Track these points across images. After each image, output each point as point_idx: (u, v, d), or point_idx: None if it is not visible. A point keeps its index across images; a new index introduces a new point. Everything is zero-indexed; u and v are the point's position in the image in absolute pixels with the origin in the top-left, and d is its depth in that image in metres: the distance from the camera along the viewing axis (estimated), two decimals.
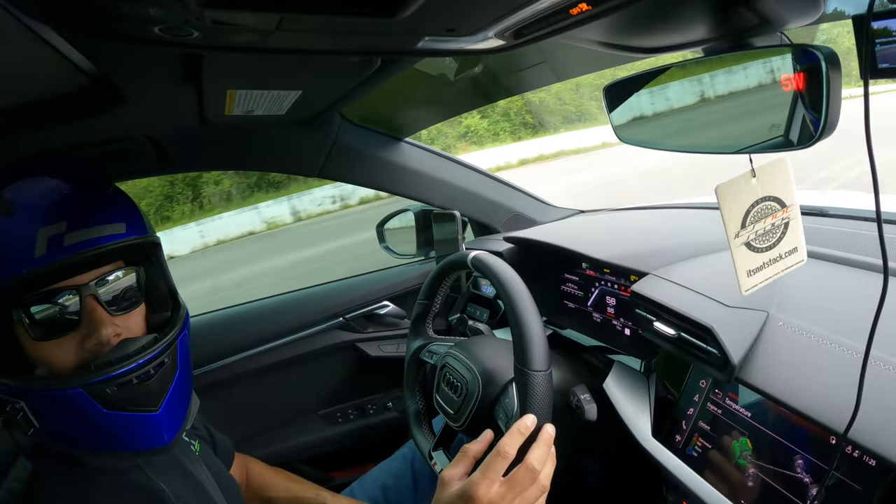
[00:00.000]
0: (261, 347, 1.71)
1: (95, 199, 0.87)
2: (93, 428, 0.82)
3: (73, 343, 0.82)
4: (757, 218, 0.77)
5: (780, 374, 0.90)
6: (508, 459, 0.88)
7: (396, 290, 1.92)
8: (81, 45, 0.70)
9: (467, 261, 1.13)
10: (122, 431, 0.83)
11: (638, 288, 1.18)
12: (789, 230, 0.80)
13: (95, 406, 0.80)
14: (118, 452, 0.86)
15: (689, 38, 0.79)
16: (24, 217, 0.79)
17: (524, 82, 1.52)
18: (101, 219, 0.84)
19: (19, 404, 0.78)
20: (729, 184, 0.75)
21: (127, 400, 0.82)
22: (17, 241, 0.77)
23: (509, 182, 1.94)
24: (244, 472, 1.37)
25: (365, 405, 1.83)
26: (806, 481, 0.82)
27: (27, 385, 0.79)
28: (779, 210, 0.78)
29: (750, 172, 0.75)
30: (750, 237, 0.78)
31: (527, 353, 0.95)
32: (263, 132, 1.49)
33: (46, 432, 0.81)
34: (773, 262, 0.80)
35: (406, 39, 0.78)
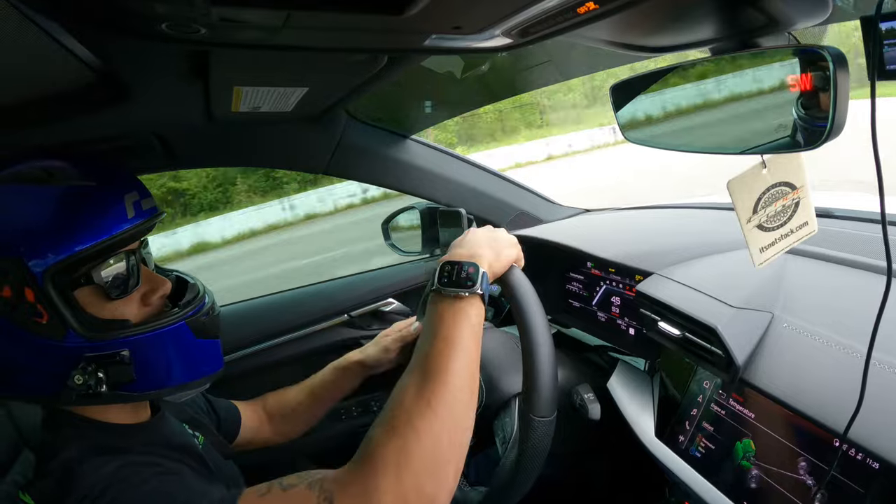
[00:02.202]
0: (266, 344, 1.71)
1: (132, 173, 0.95)
2: (186, 358, 0.94)
3: (135, 301, 0.91)
4: (768, 202, 0.79)
5: (784, 375, 0.90)
6: None
7: (402, 288, 1.91)
8: (89, 41, 0.70)
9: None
10: (205, 356, 0.97)
11: (643, 288, 1.18)
12: (800, 208, 0.82)
13: (190, 336, 0.93)
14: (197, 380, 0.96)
15: (697, 37, 0.78)
16: (105, 183, 0.87)
17: (530, 80, 1.52)
18: (147, 191, 0.94)
19: (125, 352, 0.86)
20: (740, 178, 0.76)
21: (209, 328, 0.97)
22: (110, 205, 0.86)
23: (515, 180, 1.94)
24: (260, 414, 1.43)
25: (369, 402, 1.83)
26: (809, 483, 0.81)
27: (136, 331, 0.88)
28: (789, 192, 0.80)
29: (760, 164, 0.76)
30: (762, 220, 0.80)
31: (534, 399, 0.95)
32: (270, 129, 1.49)
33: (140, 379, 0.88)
34: (784, 236, 0.83)
35: (413, 37, 0.78)
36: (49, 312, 0.81)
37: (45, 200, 0.82)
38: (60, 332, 0.82)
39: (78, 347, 0.83)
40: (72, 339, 0.82)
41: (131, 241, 0.89)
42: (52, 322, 0.81)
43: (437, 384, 0.84)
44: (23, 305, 0.80)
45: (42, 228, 0.81)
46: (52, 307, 0.81)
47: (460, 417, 0.85)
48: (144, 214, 0.90)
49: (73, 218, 0.82)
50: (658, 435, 1.11)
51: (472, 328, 0.90)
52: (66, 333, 0.82)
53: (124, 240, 0.86)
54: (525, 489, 0.98)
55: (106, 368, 0.85)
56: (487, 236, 1.04)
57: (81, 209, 0.83)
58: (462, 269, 0.94)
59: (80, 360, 0.83)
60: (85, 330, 0.83)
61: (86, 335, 0.83)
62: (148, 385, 0.90)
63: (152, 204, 0.94)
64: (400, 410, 0.83)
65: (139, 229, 0.89)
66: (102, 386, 0.84)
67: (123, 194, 0.88)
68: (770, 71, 0.70)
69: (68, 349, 0.83)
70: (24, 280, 0.79)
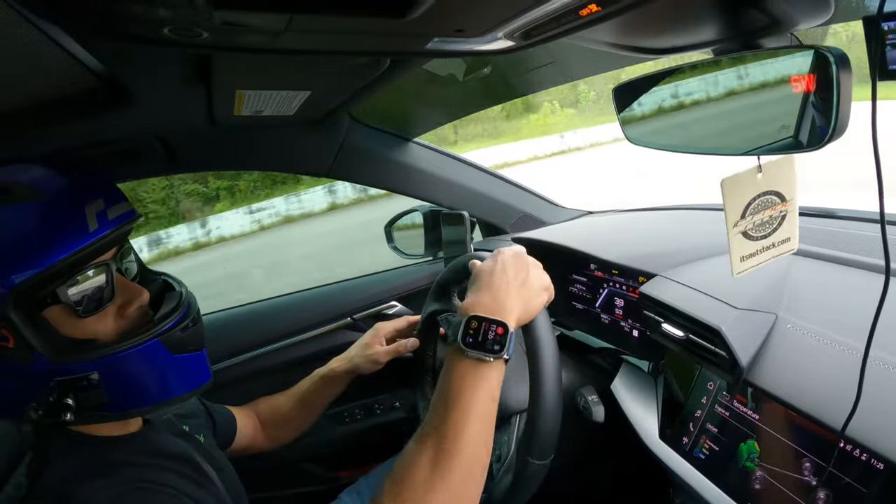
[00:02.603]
0: (268, 347, 1.71)
1: (106, 178, 0.91)
2: (163, 376, 0.89)
3: (110, 315, 0.87)
4: (757, 210, 0.79)
5: (788, 376, 0.90)
6: None
7: (405, 291, 1.91)
8: (91, 45, 0.70)
9: None
10: (184, 373, 0.92)
11: (646, 289, 1.18)
12: (786, 221, 0.82)
13: (166, 353, 0.88)
14: (179, 396, 0.92)
15: (699, 38, 0.78)
16: (63, 196, 0.82)
17: (533, 83, 1.52)
18: (120, 196, 0.89)
19: (94, 376, 0.82)
20: (735, 178, 0.76)
21: (188, 342, 0.91)
22: (68, 220, 0.80)
23: (518, 182, 1.94)
24: (255, 420, 1.43)
25: (372, 405, 1.83)
26: (813, 484, 0.81)
27: (105, 352, 0.83)
28: (778, 204, 0.80)
29: (756, 168, 0.76)
30: (747, 227, 0.80)
31: (534, 444, 0.96)
32: (272, 132, 1.50)
33: (116, 400, 0.84)
34: (766, 249, 0.83)
35: (415, 40, 0.78)
36: (14, 337, 0.78)
37: (3, 222, 0.78)
38: (27, 356, 0.79)
39: (47, 372, 0.80)
40: (39, 363, 0.79)
41: (99, 253, 0.84)
42: (19, 346, 0.78)
43: (453, 456, 0.82)
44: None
45: (2, 252, 0.77)
46: (16, 332, 0.77)
47: (473, 485, 0.84)
48: (111, 224, 0.84)
49: (29, 237, 0.78)
50: (662, 437, 1.11)
51: (491, 393, 0.88)
52: (33, 357, 0.79)
53: (89, 254, 0.82)
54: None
55: (75, 393, 0.81)
56: (517, 280, 0.97)
57: (37, 227, 0.78)
58: (490, 329, 0.89)
59: (50, 385, 0.80)
60: (51, 353, 0.79)
61: (52, 359, 0.79)
62: (125, 405, 0.86)
63: (125, 209, 0.89)
64: (412, 482, 0.82)
65: (105, 241, 0.83)
66: (68, 414, 0.79)
67: (84, 206, 0.82)
68: (772, 72, 0.70)
69: (37, 373, 0.80)
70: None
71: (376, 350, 1.42)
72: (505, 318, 0.91)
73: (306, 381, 1.46)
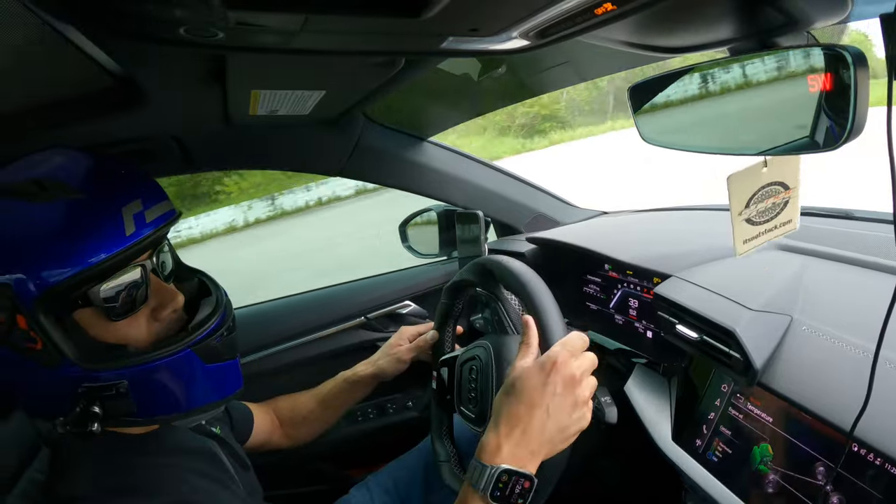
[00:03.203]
0: (282, 346, 1.72)
1: (145, 177, 0.88)
2: (195, 386, 0.87)
3: (143, 318, 0.85)
4: (761, 199, 0.81)
5: (803, 378, 0.89)
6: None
7: (418, 290, 1.92)
8: (107, 45, 0.71)
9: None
10: (217, 382, 0.91)
11: (661, 290, 1.17)
12: (788, 206, 0.85)
13: (198, 364, 0.86)
14: (209, 404, 0.91)
15: (715, 37, 0.78)
16: (100, 197, 0.79)
17: (548, 82, 1.52)
18: (159, 196, 0.87)
19: (123, 384, 0.80)
20: (741, 174, 0.77)
21: (222, 351, 0.89)
22: (105, 222, 0.78)
23: (532, 182, 1.94)
24: (272, 417, 1.44)
25: (385, 404, 1.83)
26: (827, 489, 0.80)
27: (136, 361, 0.81)
28: (782, 192, 0.81)
29: (762, 163, 0.76)
30: (751, 214, 0.82)
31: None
32: (287, 132, 1.51)
33: (143, 407, 0.83)
34: (768, 231, 0.85)
35: (430, 40, 0.78)
36: (42, 339, 0.76)
37: (34, 220, 0.75)
38: (56, 359, 0.77)
39: (75, 377, 0.78)
40: (68, 368, 0.78)
41: (135, 256, 0.82)
42: (47, 349, 0.76)
43: None
44: (17, 331, 0.76)
45: (31, 251, 0.74)
46: (45, 334, 0.76)
47: None
48: (148, 227, 0.81)
49: (64, 239, 0.75)
50: (675, 439, 1.10)
51: None
52: (62, 361, 0.77)
53: (125, 258, 0.79)
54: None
55: (103, 401, 0.79)
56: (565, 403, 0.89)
57: (72, 228, 0.76)
58: (518, 484, 0.85)
59: (78, 390, 0.79)
60: (80, 359, 0.78)
61: (82, 364, 0.78)
62: (151, 412, 0.85)
63: (164, 210, 0.86)
64: None
65: (142, 245, 0.81)
66: (95, 424, 0.78)
67: (121, 207, 0.79)
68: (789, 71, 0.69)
69: (66, 378, 0.78)
70: (15, 306, 0.74)
71: (399, 349, 1.43)
72: (534, 465, 0.87)
73: (329, 383, 1.46)
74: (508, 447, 0.87)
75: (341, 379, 1.45)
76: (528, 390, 0.89)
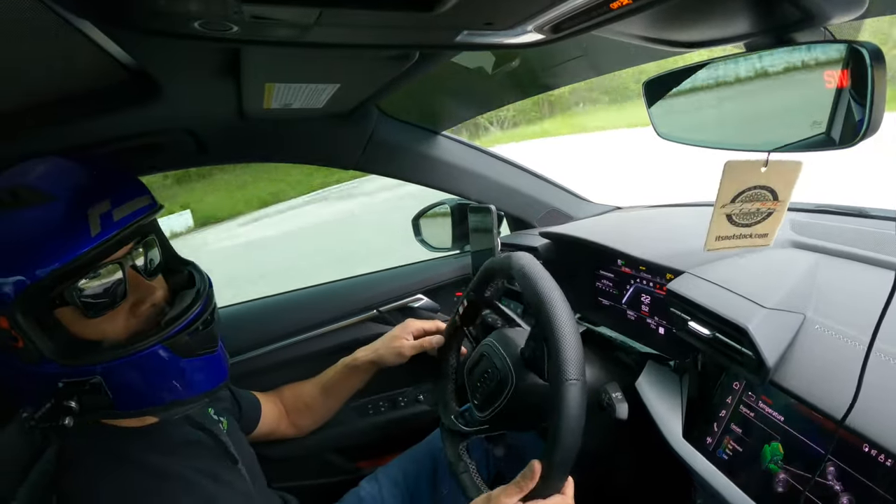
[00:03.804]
0: (295, 338, 1.73)
1: (119, 174, 0.91)
2: (170, 380, 0.89)
3: (122, 313, 0.88)
4: (748, 199, 0.81)
5: (815, 378, 0.89)
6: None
7: (431, 284, 1.92)
8: (121, 39, 0.71)
9: None
10: (195, 376, 0.92)
11: (673, 286, 1.16)
12: (770, 218, 0.84)
13: (174, 357, 0.88)
14: (191, 398, 0.92)
15: (731, 32, 0.77)
16: (68, 200, 0.82)
17: (562, 76, 1.51)
18: (133, 191, 0.89)
19: (96, 379, 0.83)
20: (739, 164, 0.77)
21: (197, 345, 0.91)
22: (70, 225, 0.80)
23: (546, 176, 1.93)
24: (279, 407, 1.46)
25: (396, 398, 1.84)
26: (836, 489, 0.80)
27: (108, 357, 0.84)
28: (770, 200, 0.80)
29: (763, 161, 0.75)
30: (734, 211, 0.82)
31: (565, 362, 0.94)
32: (301, 125, 1.51)
33: (120, 401, 0.86)
34: (741, 237, 0.86)
35: (444, 33, 0.78)
36: (23, 339, 0.80)
37: (9, 228, 0.79)
38: (36, 356, 0.81)
39: (54, 373, 0.82)
40: (46, 364, 0.81)
41: (105, 255, 0.85)
42: (27, 347, 0.80)
43: None
44: (1, 331, 0.80)
45: (7, 257, 0.79)
46: (24, 333, 0.80)
47: None
48: (116, 226, 0.83)
49: (34, 243, 0.79)
50: (685, 436, 1.10)
51: None
52: (41, 358, 0.81)
53: (94, 258, 0.82)
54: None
55: (79, 395, 0.83)
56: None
57: (41, 233, 0.79)
58: None
59: (58, 384, 0.82)
60: (56, 355, 0.82)
61: (56, 360, 0.81)
62: (129, 406, 0.87)
63: (137, 206, 0.88)
64: None
65: (108, 244, 0.83)
66: (67, 418, 0.81)
67: (87, 208, 0.82)
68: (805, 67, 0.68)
69: (45, 374, 0.82)
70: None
71: (402, 343, 1.43)
72: None
73: (331, 370, 1.48)
74: None
75: (341, 365, 1.48)
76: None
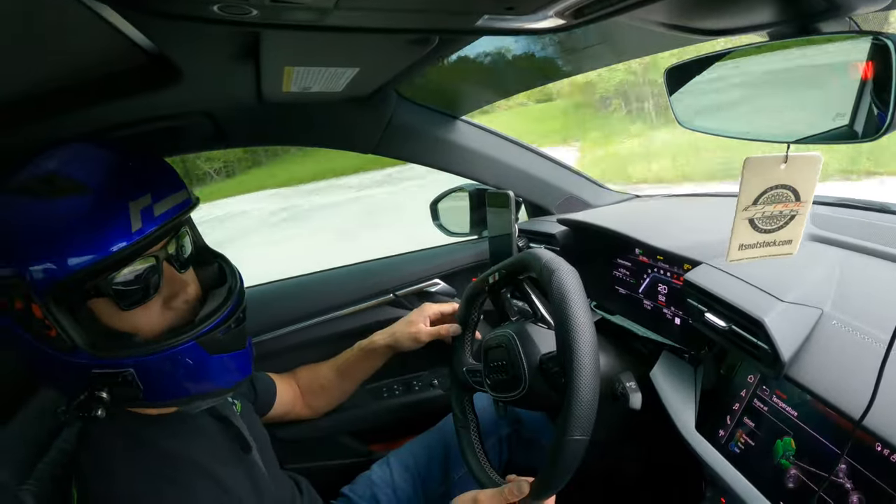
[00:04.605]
0: (311, 321, 1.75)
1: (159, 167, 0.91)
2: (200, 375, 0.90)
3: (155, 307, 0.88)
4: (769, 201, 0.77)
5: (830, 373, 0.88)
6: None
7: (448, 269, 1.92)
8: (140, 22, 0.71)
9: None
10: (222, 372, 0.93)
11: (691, 277, 1.15)
12: (793, 222, 0.80)
13: (203, 354, 0.88)
14: (213, 392, 0.94)
15: (754, 20, 0.76)
16: (107, 192, 0.81)
17: (582, 62, 1.49)
18: (173, 186, 0.89)
19: (129, 372, 0.84)
20: (760, 159, 0.74)
21: (228, 343, 0.92)
22: (111, 218, 0.80)
23: (565, 163, 1.92)
24: (295, 388, 1.49)
25: (411, 381, 1.85)
26: (847, 487, 0.79)
27: (142, 351, 0.85)
28: (792, 201, 0.77)
29: (783, 157, 0.73)
30: (756, 215, 0.78)
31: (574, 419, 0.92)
32: (320, 109, 1.51)
33: (149, 393, 0.87)
34: (765, 244, 0.81)
35: (464, 18, 0.77)
36: (56, 328, 0.80)
37: (45, 216, 0.78)
38: (68, 346, 0.82)
39: (86, 364, 0.83)
40: (79, 354, 0.82)
41: (144, 250, 0.84)
42: (60, 337, 0.81)
43: None
44: (34, 319, 0.81)
45: (42, 246, 0.78)
46: (57, 323, 0.80)
47: None
48: (156, 221, 0.83)
49: (72, 235, 0.78)
50: (698, 428, 1.09)
51: None
52: (74, 348, 0.82)
53: (132, 253, 0.82)
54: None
55: (111, 387, 0.84)
56: None
57: (81, 224, 0.79)
58: None
59: (89, 374, 0.83)
60: (90, 346, 0.82)
61: (91, 351, 0.82)
62: (154, 398, 0.89)
63: (176, 202, 0.88)
64: None
65: (149, 240, 0.82)
66: (100, 409, 0.83)
67: (128, 202, 0.81)
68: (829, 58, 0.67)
69: (78, 364, 0.83)
70: (30, 296, 0.79)
71: (419, 329, 1.43)
72: None
73: (347, 353, 1.49)
74: None
75: (357, 348, 1.48)
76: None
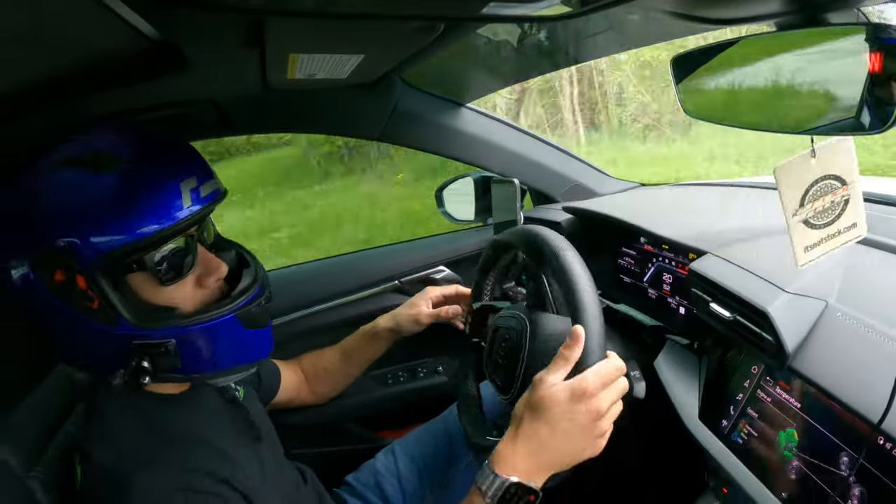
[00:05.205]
0: (316, 307, 1.76)
1: (196, 154, 0.95)
2: (235, 347, 0.95)
3: (190, 284, 0.92)
4: (816, 196, 0.75)
5: (833, 366, 0.87)
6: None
7: (453, 256, 1.92)
8: (143, 10, 0.71)
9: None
10: (252, 347, 0.98)
11: (696, 266, 1.15)
12: (849, 207, 0.78)
13: (239, 328, 0.93)
14: (242, 365, 0.99)
15: (762, 10, 0.75)
16: (162, 171, 0.87)
17: (589, 50, 1.48)
18: (209, 174, 0.93)
19: (171, 343, 0.87)
20: (788, 164, 0.73)
21: (260, 318, 0.97)
22: (165, 195, 0.85)
23: (570, 151, 1.91)
24: (299, 374, 1.50)
25: (416, 368, 1.86)
26: (850, 480, 0.79)
27: (186, 322, 0.89)
28: (839, 188, 0.75)
29: (809, 152, 0.72)
30: (808, 215, 0.76)
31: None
32: (325, 96, 1.51)
33: (186, 364, 0.90)
34: (831, 237, 0.80)
35: (470, 4, 0.77)
36: (100, 299, 0.83)
37: (97, 188, 0.82)
38: (111, 318, 0.84)
39: (128, 335, 0.85)
40: (122, 326, 0.84)
41: (188, 227, 0.88)
42: (103, 308, 0.83)
43: None
44: (76, 290, 0.83)
45: (93, 218, 0.81)
46: (102, 294, 0.83)
47: None
48: (202, 201, 0.89)
49: (125, 207, 0.82)
50: (701, 417, 1.09)
51: None
52: (117, 320, 0.84)
53: (179, 230, 0.86)
54: None
55: (152, 357, 0.86)
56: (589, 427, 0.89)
57: (134, 198, 0.83)
58: (524, 497, 0.89)
59: (130, 346, 0.86)
60: (134, 318, 0.85)
61: (135, 323, 0.85)
62: (190, 370, 0.92)
63: (213, 188, 0.92)
64: None
65: (197, 218, 0.88)
66: (146, 377, 0.86)
67: (180, 181, 0.86)
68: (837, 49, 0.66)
69: (119, 335, 0.85)
70: (75, 267, 0.81)
71: (420, 311, 1.45)
72: (542, 480, 0.91)
73: (351, 338, 1.51)
74: (522, 461, 0.90)
75: (361, 332, 1.50)
76: (552, 413, 0.89)
